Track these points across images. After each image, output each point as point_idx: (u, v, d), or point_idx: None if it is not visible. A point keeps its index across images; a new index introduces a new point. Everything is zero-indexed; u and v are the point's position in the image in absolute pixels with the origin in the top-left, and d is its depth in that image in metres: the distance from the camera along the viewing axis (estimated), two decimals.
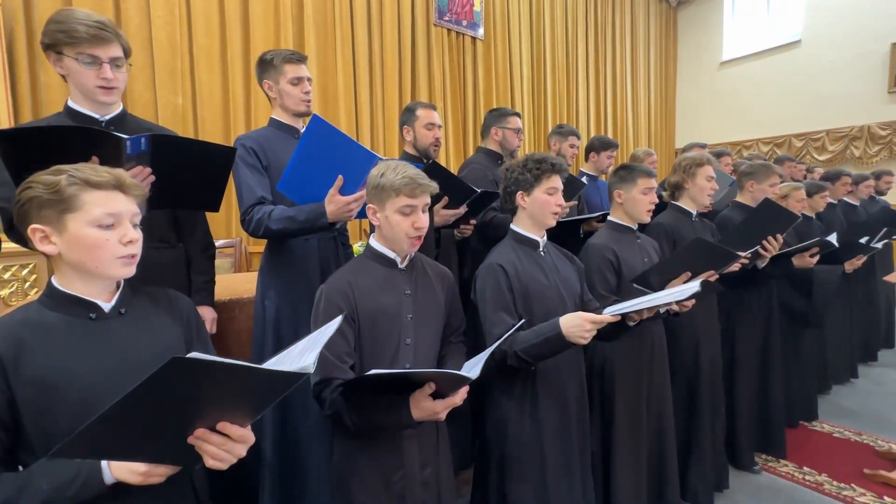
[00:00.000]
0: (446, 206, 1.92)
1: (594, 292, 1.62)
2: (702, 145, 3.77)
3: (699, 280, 1.46)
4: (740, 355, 2.28)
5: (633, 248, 1.77)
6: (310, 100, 1.69)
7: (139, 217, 0.86)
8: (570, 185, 2.09)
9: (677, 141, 7.58)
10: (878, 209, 3.67)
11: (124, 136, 1.04)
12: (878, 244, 2.79)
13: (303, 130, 1.62)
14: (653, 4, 7.12)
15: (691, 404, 2.00)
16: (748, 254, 1.95)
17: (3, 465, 0.77)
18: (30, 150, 0.99)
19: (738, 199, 2.37)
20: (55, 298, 0.83)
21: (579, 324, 1.22)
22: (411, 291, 1.26)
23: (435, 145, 2.19)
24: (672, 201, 2.10)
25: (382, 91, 4.28)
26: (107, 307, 0.85)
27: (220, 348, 1.60)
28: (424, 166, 1.59)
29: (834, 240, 2.32)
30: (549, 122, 5.66)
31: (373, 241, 1.28)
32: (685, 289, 1.28)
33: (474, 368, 1.02)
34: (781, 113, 6.41)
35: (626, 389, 1.70)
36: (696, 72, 7.37)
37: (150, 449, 0.70)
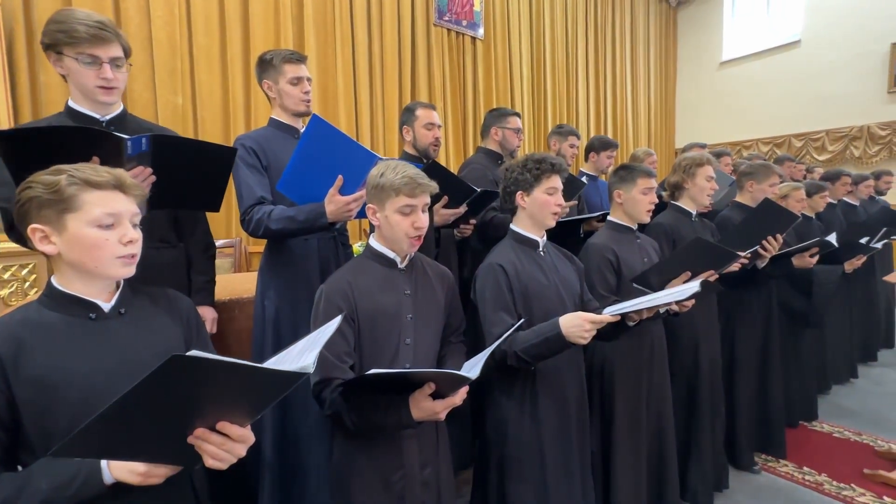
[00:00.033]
0: (446, 206, 1.92)
1: (594, 292, 1.62)
2: (702, 145, 3.77)
3: (699, 280, 1.46)
4: (740, 355, 2.28)
5: (633, 248, 1.77)
6: (309, 100, 1.69)
7: (139, 217, 0.86)
8: (570, 185, 2.09)
9: (677, 141, 7.59)
10: (878, 209, 3.67)
11: (125, 136, 1.04)
12: (877, 244, 2.79)
13: (302, 130, 1.63)
14: (653, 4, 7.12)
15: (691, 404, 2.00)
16: (748, 254, 1.95)
17: (2, 465, 0.76)
18: (30, 150, 0.99)
19: (738, 199, 2.37)
20: (55, 298, 0.83)
21: (579, 324, 1.22)
22: (411, 291, 1.26)
23: (435, 145, 2.19)
24: (672, 201, 2.10)
25: (382, 91, 4.28)
26: (106, 307, 0.85)
27: (220, 348, 1.60)
28: (424, 166, 1.59)
29: (834, 240, 2.32)
30: (549, 122, 5.66)
31: (372, 241, 1.28)
32: (685, 289, 1.28)
33: (474, 368, 1.02)
34: (781, 113, 6.41)
35: (626, 389, 1.70)
36: (696, 72, 7.38)
37: (150, 448, 0.70)
